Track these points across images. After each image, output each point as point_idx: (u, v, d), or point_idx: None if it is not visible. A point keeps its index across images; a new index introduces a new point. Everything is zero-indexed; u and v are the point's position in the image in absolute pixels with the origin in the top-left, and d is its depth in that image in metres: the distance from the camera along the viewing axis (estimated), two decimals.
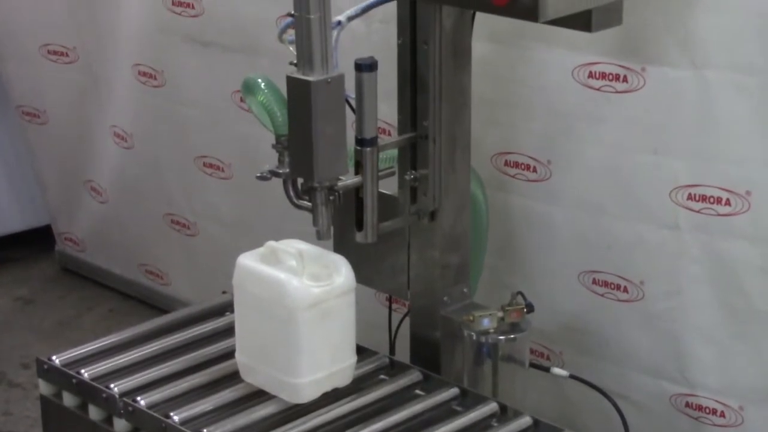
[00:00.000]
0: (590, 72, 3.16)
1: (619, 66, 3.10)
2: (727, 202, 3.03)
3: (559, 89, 3.22)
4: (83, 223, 5.00)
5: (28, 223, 5.32)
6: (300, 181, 2.84)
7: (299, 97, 2.70)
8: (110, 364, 3.02)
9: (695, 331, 3.18)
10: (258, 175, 2.87)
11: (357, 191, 2.85)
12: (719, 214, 3.05)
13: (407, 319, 3.21)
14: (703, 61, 2.98)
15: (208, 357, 3.05)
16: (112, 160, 4.66)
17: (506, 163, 3.40)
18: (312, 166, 2.73)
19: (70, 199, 4.98)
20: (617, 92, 3.13)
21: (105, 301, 4.94)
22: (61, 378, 2.99)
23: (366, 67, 2.75)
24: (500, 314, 2.95)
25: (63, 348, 3.10)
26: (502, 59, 3.29)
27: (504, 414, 2.82)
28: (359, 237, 2.89)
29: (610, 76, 3.13)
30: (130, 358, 3.06)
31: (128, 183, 4.65)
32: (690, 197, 3.09)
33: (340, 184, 2.80)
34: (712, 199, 3.06)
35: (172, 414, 2.78)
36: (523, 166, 3.37)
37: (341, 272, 2.81)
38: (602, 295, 3.31)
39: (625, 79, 3.11)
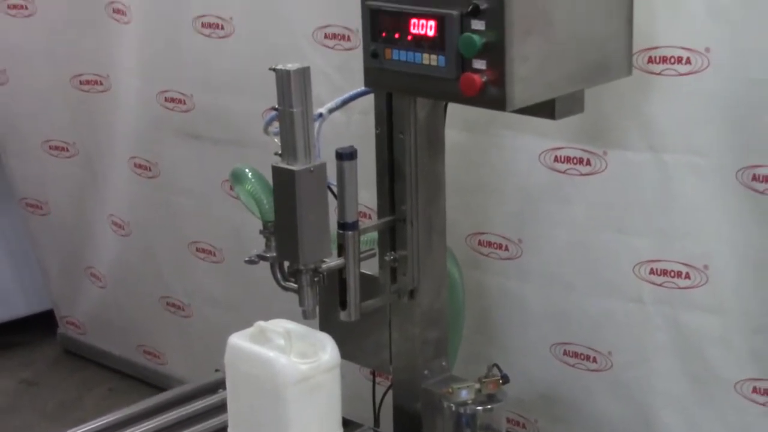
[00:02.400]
0: (556, 156, 3.18)
1: (583, 150, 3.13)
2: (687, 276, 3.04)
3: (528, 173, 3.24)
4: (84, 307, 4.98)
5: (31, 308, 5.30)
6: (286, 264, 2.84)
7: (284, 185, 2.71)
8: None
9: (662, 398, 3.17)
10: (246, 259, 2.87)
11: (340, 272, 2.84)
12: (680, 287, 3.06)
13: (391, 392, 3.20)
14: (660, 145, 3.01)
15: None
16: (111, 247, 4.66)
17: (480, 243, 3.41)
18: (297, 250, 2.73)
19: (71, 285, 4.97)
20: (582, 175, 3.15)
21: (105, 381, 4.91)
22: None
23: (346, 155, 2.76)
24: (477, 386, 2.93)
25: (65, 428, 3.07)
26: (475, 146, 3.32)
27: None
28: (343, 315, 2.88)
29: (575, 160, 3.15)
30: None
31: (126, 268, 4.65)
32: (652, 272, 3.10)
33: (324, 266, 2.79)
34: (672, 273, 3.07)
35: None
36: (495, 245, 3.38)
37: (327, 349, 2.80)
38: (573, 366, 3.31)
39: (588, 163, 3.13)
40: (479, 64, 2.47)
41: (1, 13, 4.45)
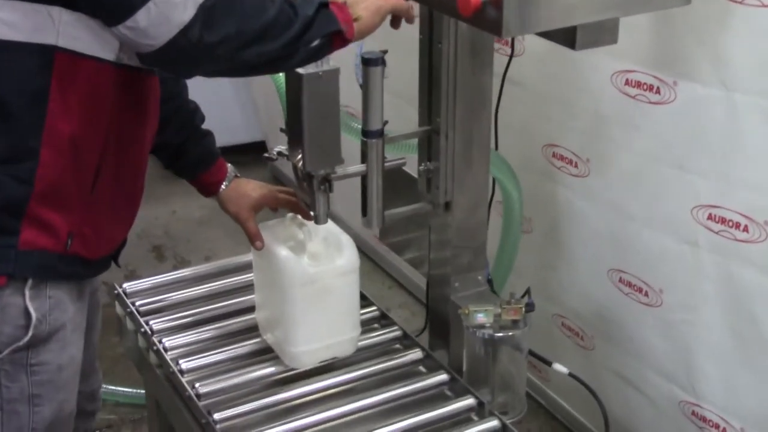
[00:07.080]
0: (627, 79, 2.26)
1: (654, 77, 2.19)
2: (746, 229, 2.10)
3: (599, 93, 2.34)
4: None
5: (252, 137, 4.80)
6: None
7: (294, 88, 1.96)
8: (160, 302, 2.41)
9: (705, 348, 2.28)
10: (266, 155, 2.17)
11: (363, 179, 2.10)
12: (737, 239, 2.13)
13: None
14: (733, 82, 2.04)
15: (243, 305, 2.38)
16: None
17: (554, 155, 2.55)
18: (305, 156, 2.01)
19: (274, 124, 4.40)
20: (650, 102, 2.22)
21: None
22: (124, 305, 2.43)
23: (372, 61, 1.98)
24: (498, 311, 2.16)
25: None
26: (553, 57, 2.43)
27: (481, 409, 2.05)
28: (363, 222, 2.15)
29: (645, 86, 2.22)
30: (178, 296, 2.44)
31: None
32: (710, 217, 2.17)
33: (339, 171, 2.05)
34: (731, 223, 2.13)
35: (181, 362, 2.17)
36: (566, 160, 2.51)
37: (344, 254, 2.11)
38: (626, 294, 2.45)
39: (658, 91, 2.19)
40: None
41: None
